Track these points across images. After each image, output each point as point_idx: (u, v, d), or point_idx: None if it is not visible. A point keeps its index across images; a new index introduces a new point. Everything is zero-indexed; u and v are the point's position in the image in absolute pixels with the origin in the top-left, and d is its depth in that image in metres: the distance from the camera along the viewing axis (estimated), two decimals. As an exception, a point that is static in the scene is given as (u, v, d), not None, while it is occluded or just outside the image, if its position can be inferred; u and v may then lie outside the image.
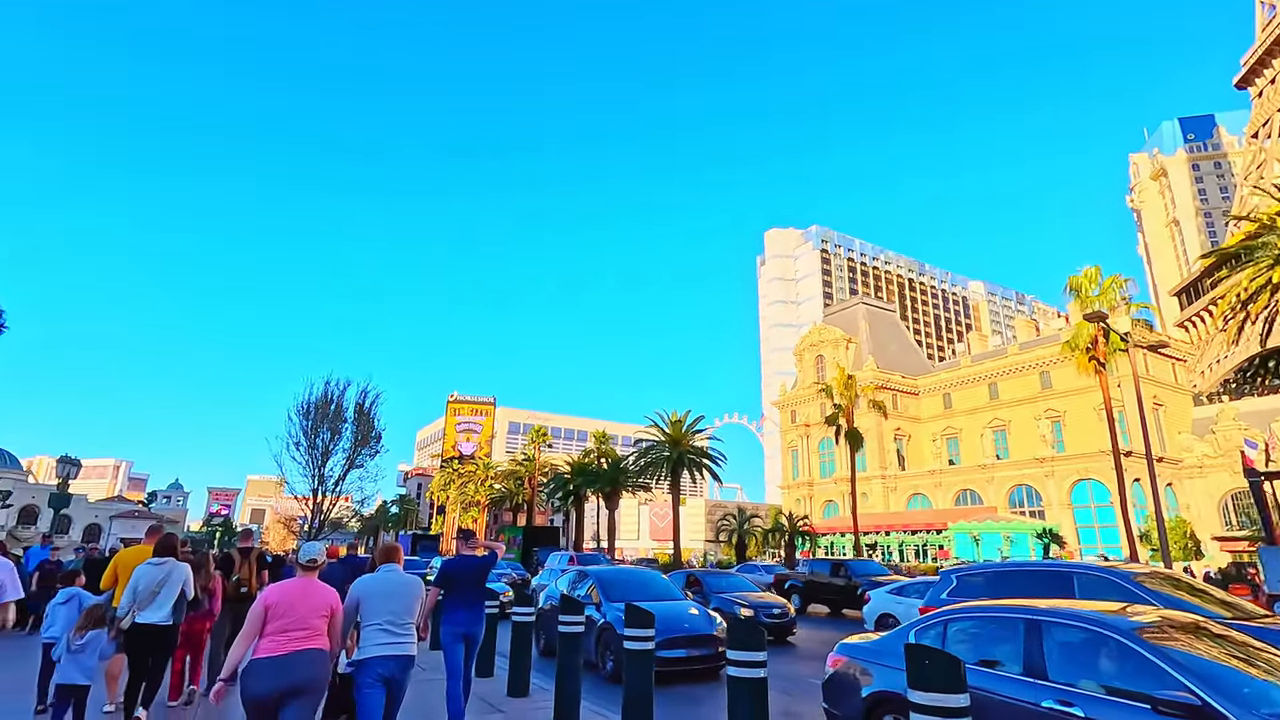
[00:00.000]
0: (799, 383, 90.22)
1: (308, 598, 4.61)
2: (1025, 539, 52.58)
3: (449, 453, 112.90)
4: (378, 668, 4.94)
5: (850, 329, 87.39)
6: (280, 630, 4.38)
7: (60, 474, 19.39)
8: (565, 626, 7.39)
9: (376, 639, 5.02)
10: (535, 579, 16.67)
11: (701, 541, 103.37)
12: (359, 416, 28.36)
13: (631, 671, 6.07)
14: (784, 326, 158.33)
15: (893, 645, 5.79)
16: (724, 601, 14.25)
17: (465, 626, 6.63)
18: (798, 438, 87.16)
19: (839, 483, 78.39)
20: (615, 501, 51.85)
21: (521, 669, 8.60)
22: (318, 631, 4.55)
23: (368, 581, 5.32)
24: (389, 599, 5.17)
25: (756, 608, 14.36)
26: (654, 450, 47.56)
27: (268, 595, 4.56)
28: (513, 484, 74.76)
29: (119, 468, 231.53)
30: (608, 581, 11.80)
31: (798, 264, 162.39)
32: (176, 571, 6.84)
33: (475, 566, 6.97)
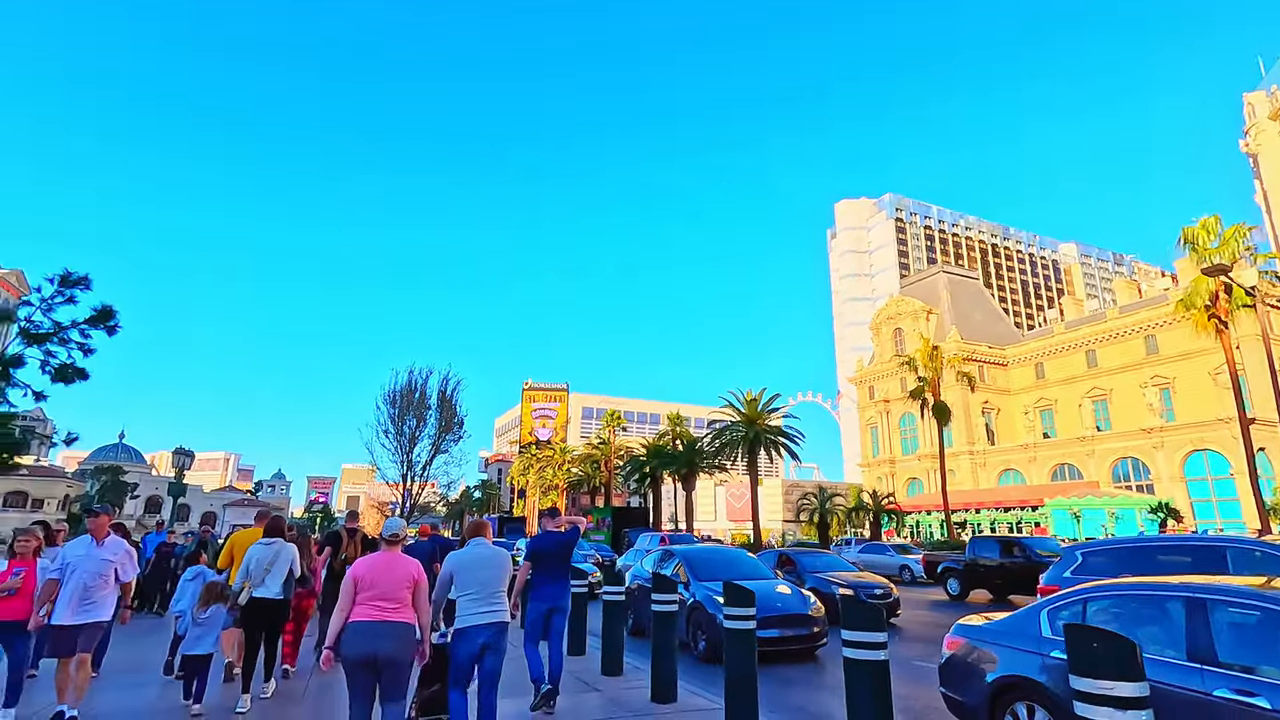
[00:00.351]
0: (876, 357, 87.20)
1: (392, 570, 4.85)
2: (1132, 515, 49.14)
3: (526, 439, 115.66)
4: (474, 636, 5.18)
5: (930, 299, 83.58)
6: (369, 600, 4.68)
7: (176, 465, 20.87)
8: (659, 605, 7.22)
9: (471, 609, 5.27)
10: (620, 559, 16.62)
11: (779, 522, 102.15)
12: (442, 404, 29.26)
13: (733, 652, 5.82)
14: (857, 300, 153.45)
15: (1021, 626, 5.31)
16: (820, 581, 13.77)
17: (552, 600, 6.89)
18: (877, 414, 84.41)
19: (923, 459, 75.50)
20: (692, 483, 51.70)
21: (615, 648, 8.52)
22: (404, 603, 4.79)
23: (459, 556, 5.54)
24: (479, 570, 5.40)
25: (856, 587, 13.76)
26: (729, 430, 47.02)
27: (356, 568, 4.88)
28: (589, 468, 75.83)
29: (229, 460, 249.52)
30: (695, 560, 11.59)
31: (871, 235, 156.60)
32: (285, 551, 7.39)
33: (560, 542, 7.15)
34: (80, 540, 6.29)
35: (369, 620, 4.63)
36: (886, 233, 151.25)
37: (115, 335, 11.82)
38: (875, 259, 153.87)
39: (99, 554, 6.21)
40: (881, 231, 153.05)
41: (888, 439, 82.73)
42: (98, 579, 6.14)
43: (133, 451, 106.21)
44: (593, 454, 75.28)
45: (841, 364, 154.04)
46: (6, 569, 6.36)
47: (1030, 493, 60.58)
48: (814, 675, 9.42)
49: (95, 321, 11.64)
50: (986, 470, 72.26)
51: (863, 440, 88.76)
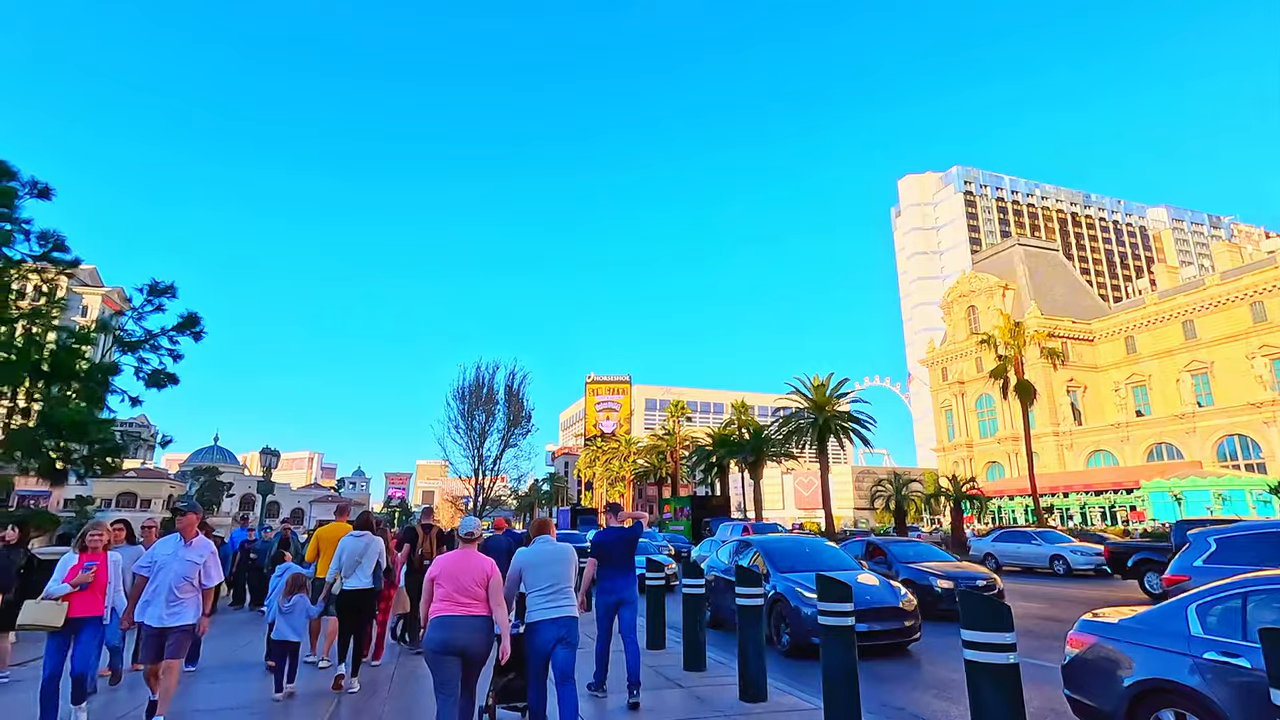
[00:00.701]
0: (948, 338, 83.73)
1: (467, 567, 5.09)
2: (1241, 496, 45.50)
3: (590, 432, 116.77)
4: (545, 631, 5.33)
5: (1005, 274, 79.51)
6: (447, 596, 4.97)
7: (264, 464, 21.82)
8: (744, 599, 6.88)
9: (540, 604, 5.43)
10: (695, 550, 16.28)
11: (850, 509, 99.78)
12: (509, 397, 29.63)
13: (832, 650, 5.42)
14: (926, 280, 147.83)
15: (1163, 624, 4.71)
16: (914, 572, 12.91)
17: (619, 593, 7.01)
18: (951, 396, 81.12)
19: (1003, 442, 72.15)
20: (759, 471, 50.91)
21: (696, 643, 8.23)
22: (479, 599, 5.03)
23: (526, 553, 5.72)
24: (547, 566, 5.55)
25: (956, 579, 12.72)
26: (797, 417, 45.96)
27: (434, 568, 5.19)
28: (655, 458, 75.79)
29: (312, 459, 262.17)
30: (774, 551, 11.17)
31: (938, 211, 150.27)
32: (373, 544, 7.77)
33: (624, 536, 7.22)
34: (169, 539, 6.12)
35: (448, 615, 4.91)
36: (955, 207, 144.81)
37: (201, 341, 12.29)
38: (943, 235, 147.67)
39: (186, 555, 6.02)
40: (950, 206, 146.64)
41: (963, 422, 79.41)
42: (183, 581, 5.94)
43: (226, 453, 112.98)
44: (658, 445, 75.19)
45: (911, 346, 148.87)
46: (78, 563, 6.27)
47: (1124, 475, 56.96)
48: (909, 672, 8.88)
49: (182, 328, 12.14)
50: (1074, 452, 68.38)
51: (936, 424, 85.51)
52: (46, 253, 11.14)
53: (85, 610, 6.14)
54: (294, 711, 6.91)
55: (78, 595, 6.12)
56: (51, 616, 5.98)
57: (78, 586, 6.10)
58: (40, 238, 11.14)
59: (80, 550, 6.39)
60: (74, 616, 6.07)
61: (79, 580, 6.12)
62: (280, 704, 7.09)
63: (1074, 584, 20.80)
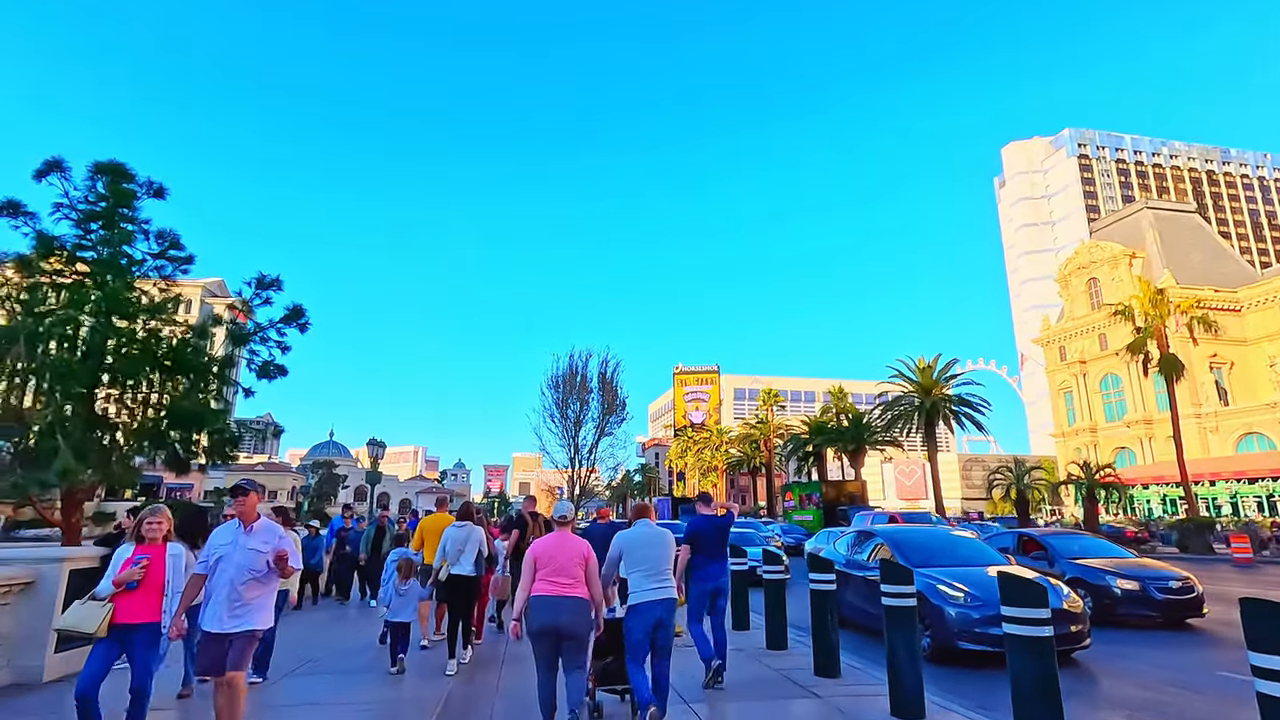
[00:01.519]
0: (1066, 314, 77.08)
1: (564, 549, 5.25)
2: None
3: (680, 422, 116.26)
4: (647, 611, 5.47)
5: (1132, 241, 72.25)
6: (547, 577, 5.12)
7: (370, 455, 22.54)
8: (894, 600, 5.94)
9: (641, 586, 5.56)
10: (810, 542, 15.24)
11: (958, 499, 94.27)
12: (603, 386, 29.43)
13: (1024, 665, 4.44)
14: (1036, 253, 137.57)
15: None
16: (1084, 570, 11.19)
17: (712, 581, 7.15)
18: (1071, 377, 74.71)
19: (1132, 426, 65.75)
20: (860, 459, 48.67)
21: (828, 645, 7.34)
22: (578, 580, 5.16)
23: (626, 536, 5.85)
24: (647, 549, 5.70)
25: (1142, 579, 10.90)
26: (901, 402, 43.42)
27: (534, 548, 5.33)
28: (748, 447, 74.28)
29: (417, 452, 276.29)
30: (904, 543, 10.03)
31: (1048, 178, 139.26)
32: (475, 533, 8.23)
33: (716, 525, 7.35)
34: (226, 527, 5.01)
35: (548, 595, 5.05)
36: (1068, 173, 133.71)
37: (307, 333, 12.51)
38: (1055, 204, 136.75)
39: (247, 543, 4.90)
40: (1062, 172, 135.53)
41: (1085, 404, 72.95)
42: (246, 574, 4.83)
43: (341, 447, 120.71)
44: (751, 434, 73.61)
45: (1020, 325, 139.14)
46: (130, 556, 5.12)
47: (1284, 460, 50.49)
48: (1083, 687, 7.62)
49: (288, 320, 12.44)
50: (1220, 435, 61.30)
51: (1054, 407, 79.08)
52: (163, 250, 11.62)
53: (135, 615, 4.97)
54: (413, 688, 7.20)
55: (126, 596, 4.97)
56: (90, 621, 4.87)
57: (123, 586, 4.96)
58: (158, 236, 11.62)
59: (136, 541, 5.25)
60: (121, 622, 4.93)
61: (124, 577, 4.97)
62: (399, 681, 7.44)
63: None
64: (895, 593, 5.93)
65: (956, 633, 8.12)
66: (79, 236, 11.10)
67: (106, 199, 11.02)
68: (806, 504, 41.01)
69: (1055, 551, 11.97)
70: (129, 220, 11.39)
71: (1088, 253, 75.06)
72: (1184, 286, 63.45)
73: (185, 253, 11.71)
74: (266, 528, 5.04)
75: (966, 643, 8.12)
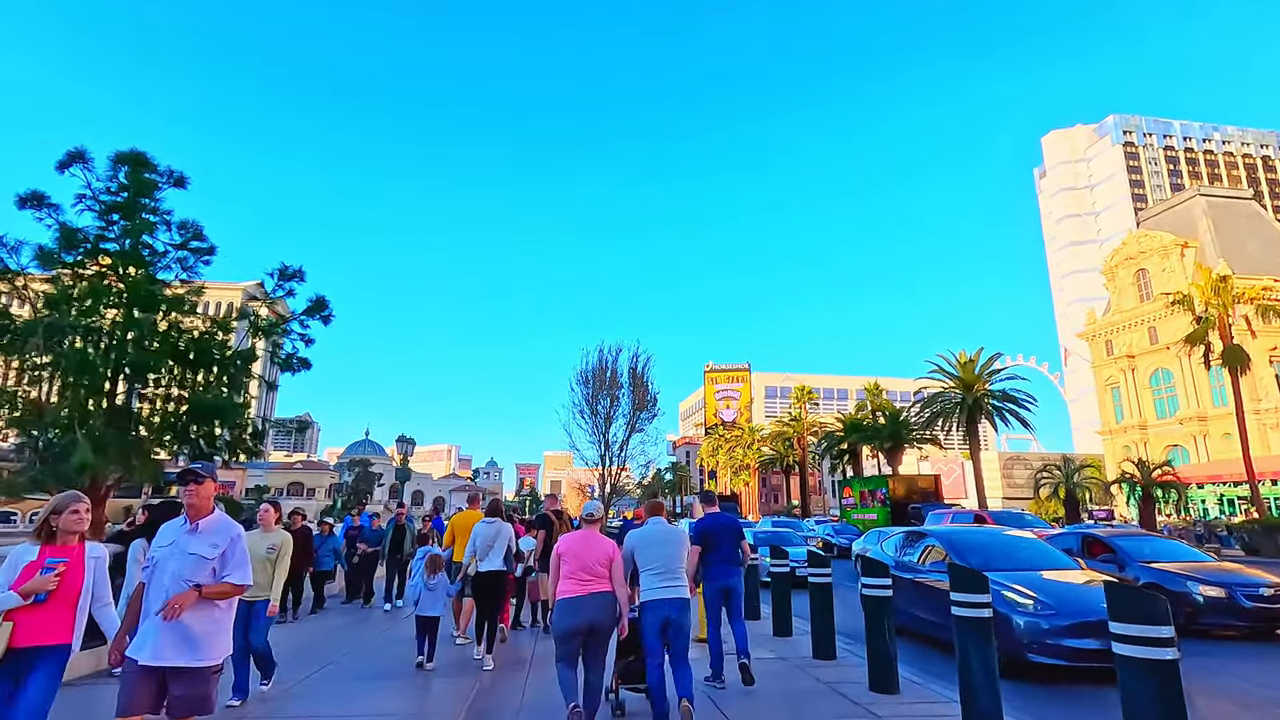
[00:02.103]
0: (1112, 307, 74.18)
1: (590, 547, 5.30)
2: None
3: (711, 420, 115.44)
4: (658, 609, 5.45)
5: (1184, 230, 69.21)
6: (572, 575, 5.17)
7: (400, 452, 22.39)
8: (965, 609, 5.24)
9: (653, 584, 5.55)
10: (858, 543, 14.48)
11: (999, 499, 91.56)
12: (633, 381, 28.88)
13: (1141, 693, 3.72)
14: (1079, 245, 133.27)
15: None
16: (1159, 575, 10.20)
17: (722, 580, 7.06)
18: (1118, 373, 71.90)
19: (1185, 423, 62.91)
20: (898, 457, 47.37)
21: (884, 657, 6.65)
22: (603, 577, 5.21)
23: (638, 533, 5.84)
24: (660, 546, 5.67)
25: (1228, 585, 9.83)
26: (942, 398, 42.04)
27: (559, 546, 5.38)
28: (781, 445, 73.08)
29: (450, 451, 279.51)
30: (962, 545, 9.24)
31: (1091, 167, 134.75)
32: (504, 530, 8.30)
33: (725, 524, 7.30)
34: (171, 524, 3.87)
35: (574, 595, 5.12)
36: (1112, 161, 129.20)
37: (330, 324, 12.22)
38: (1099, 194, 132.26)
39: (188, 545, 3.70)
40: (1105, 161, 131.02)
41: (1134, 400, 70.08)
42: (184, 587, 3.59)
43: (377, 445, 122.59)
44: (784, 431, 72.41)
45: (1063, 320, 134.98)
46: (37, 559, 3.81)
47: (1355, 459, 47.67)
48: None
49: (311, 312, 12.16)
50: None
51: (1100, 404, 76.17)
52: (185, 241, 11.41)
53: (40, 635, 3.66)
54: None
55: (29, 611, 3.67)
56: None
57: (30, 598, 3.67)
58: (180, 227, 11.40)
59: (45, 540, 3.88)
60: (21, 645, 3.62)
61: (33, 587, 3.68)
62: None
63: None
64: (968, 601, 5.23)
65: (1025, 644, 7.36)
66: (101, 228, 10.94)
67: (128, 189, 10.83)
68: (870, 501, 37.35)
69: (1126, 554, 11.00)
70: (151, 211, 11.20)
71: (1136, 243, 72.15)
72: (1241, 276, 60.50)
73: (207, 244, 11.53)
74: (217, 527, 3.77)
75: (1037, 655, 7.36)
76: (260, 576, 6.25)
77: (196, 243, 11.41)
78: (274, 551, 6.67)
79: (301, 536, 10.96)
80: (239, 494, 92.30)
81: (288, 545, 6.81)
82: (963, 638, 5.22)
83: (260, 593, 6.40)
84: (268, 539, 6.78)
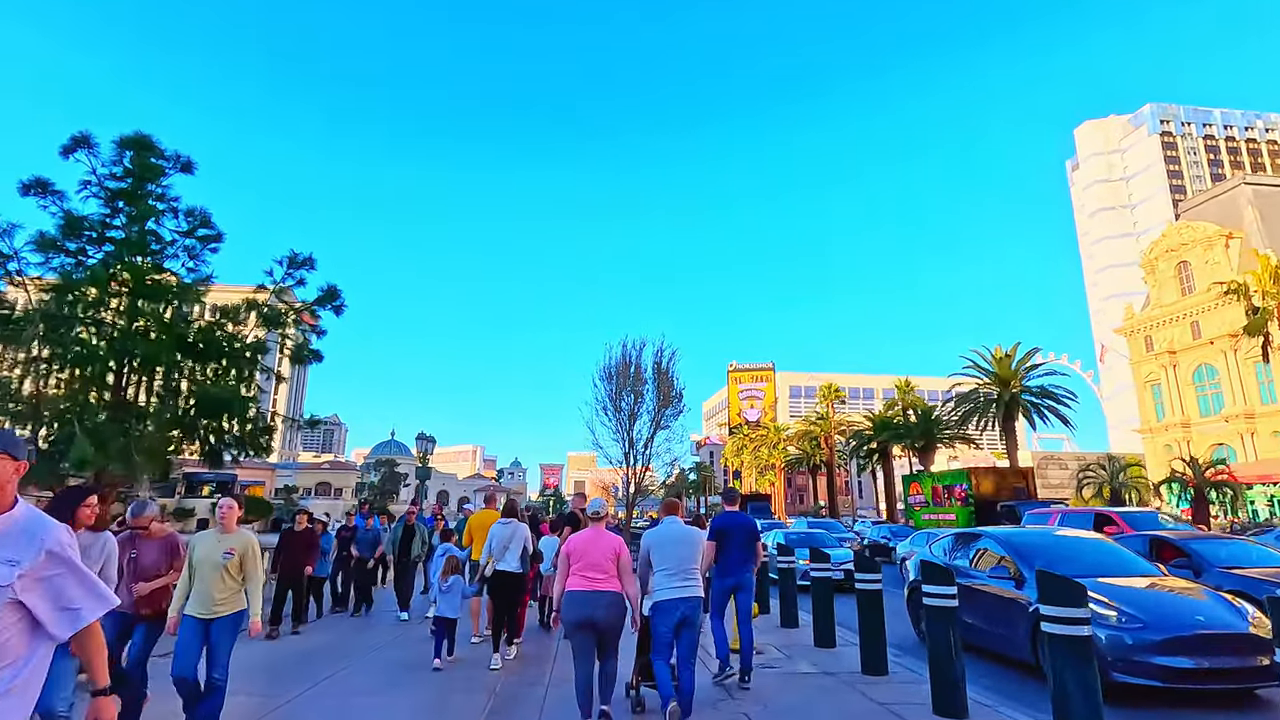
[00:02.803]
0: (1152, 301, 71.68)
1: (597, 544, 5.34)
2: None
3: (735, 420, 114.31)
4: (670, 609, 5.50)
5: (1228, 220, 66.56)
6: (581, 571, 5.21)
7: (419, 449, 21.94)
8: (1059, 625, 4.43)
9: (666, 583, 5.59)
10: (904, 544, 13.61)
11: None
12: (658, 376, 28.20)
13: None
14: (1113, 239, 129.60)
15: None
16: (1244, 582, 9.00)
17: (733, 577, 7.12)
18: (1159, 369, 69.43)
19: (1231, 420, 60.42)
20: (930, 457, 46.02)
21: (949, 678, 5.85)
22: (610, 574, 5.23)
23: (654, 533, 5.92)
24: (674, 546, 5.72)
25: None
26: (976, 395, 40.63)
27: (568, 544, 5.44)
28: (808, 445, 71.76)
29: (475, 451, 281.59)
30: (1024, 547, 8.34)
31: (1126, 158, 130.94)
32: (520, 530, 8.24)
33: (741, 523, 7.34)
34: None
35: (581, 590, 5.16)
36: (1149, 152, 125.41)
37: (342, 315, 11.70)
38: (1135, 186, 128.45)
39: None
40: (1142, 151, 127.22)
41: (1176, 398, 67.57)
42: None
43: (402, 446, 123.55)
44: (810, 430, 71.08)
45: (1097, 315, 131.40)
46: None
47: None
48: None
49: (322, 302, 11.65)
50: (1336, 431, 55.64)
51: (1140, 401, 73.65)
52: (192, 229, 10.97)
53: None
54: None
55: None
56: None
57: None
58: (187, 214, 10.97)
59: None
60: None
61: None
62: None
63: None
64: (1064, 616, 4.42)
65: (1110, 662, 6.49)
66: (106, 215, 10.55)
67: (133, 174, 10.41)
68: (945, 499, 32.15)
69: (1201, 559, 9.96)
70: (159, 198, 10.79)
71: (1177, 234, 69.66)
72: (1290, 267, 57.96)
73: (215, 231, 11.08)
74: (22, 528, 2.17)
75: (1122, 675, 6.48)
76: (215, 589, 5.17)
77: (204, 230, 10.97)
78: (230, 557, 5.28)
79: (304, 538, 10.17)
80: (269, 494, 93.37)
81: (251, 549, 5.42)
82: (1058, 659, 4.42)
83: (218, 608, 5.18)
84: (225, 542, 5.37)
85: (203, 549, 5.26)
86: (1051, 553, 8.30)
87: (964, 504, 30.01)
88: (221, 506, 5.51)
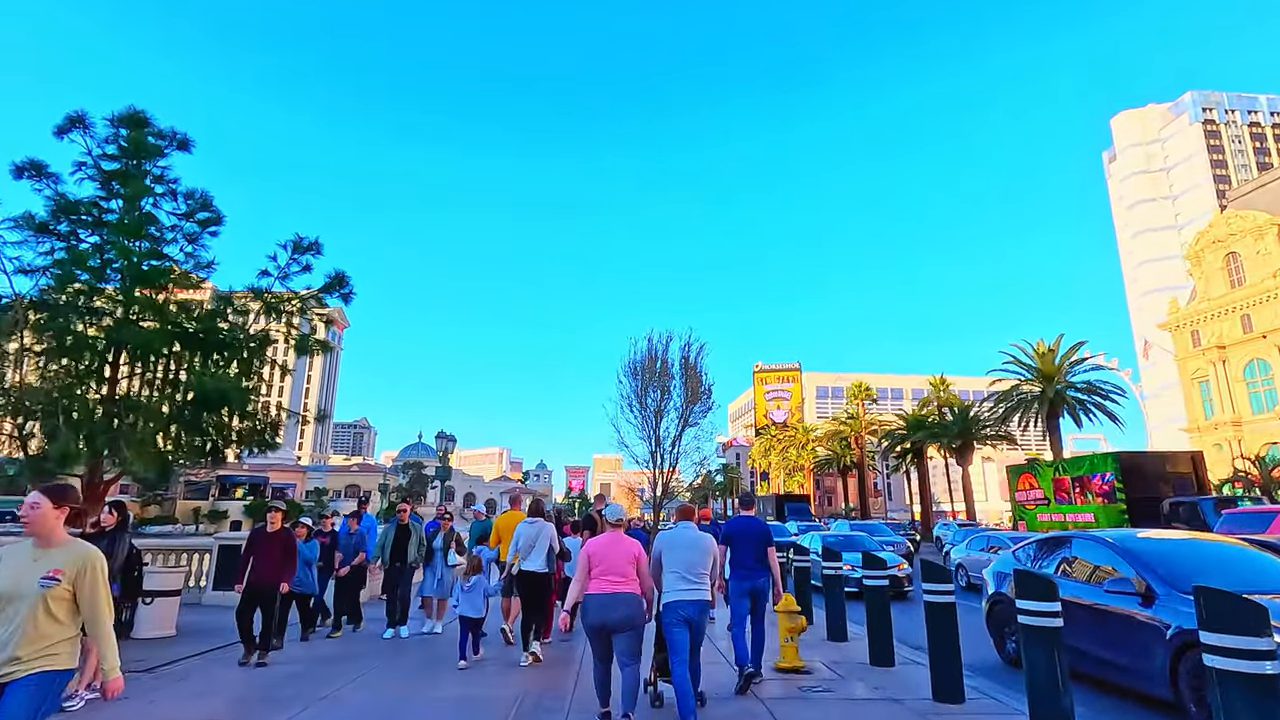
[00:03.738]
0: (1199, 294, 68.82)
1: (617, 548, 5.49)
2: None
3: (761, 421, 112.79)
4: (679, 610, 5.63)
5: (1278, 209, 63.53)
6: (601, 574, 5.38)
7: (440, 449, 21.28)
8: (1232, 660, 3.40)
9: (676, 585, 5.73)
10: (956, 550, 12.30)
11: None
12: (685, 371, 27.20)
13: None
14: (1154, 231, 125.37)
15: None
16: None
17: (749, 582, 7.12)
18: (1206, 365, 66.59)
19: (1291, 418, 57.55)
20: (968, 456, 44.33)
21: (1054, 712, 4.81)
22: (629, 577, 5.40)
23: (666, 537, 6.00)
24: (684, 550, 5.85)
25: None
26: (1018, 392, 38.91)
27: (588, 547, 5.60)
28: (837, 445, 70.05)
29: (501, 454, 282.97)
30: (1151, 555, 6.88)
31: (1167, 148, 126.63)
32: (545, 530, 8.27)
33: (752, 527, 7.30)
34: None
35: (602, 593, 5.30)
36: (1192, 140, 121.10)
37: (350, 303, 10.98)
38: (1177, 176, 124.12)
39: None
40: (1184, 140, 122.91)
41: (1226, 394, 64.72)
42: None
43: (429, 448, 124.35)
44: (840, 430, 69.39)
45: (1137, 311, 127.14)
46: None
47: None
48: None
49: (329, 289, 10.95)
50: (1402, 428, 52.61)
51: (1187, 399, 70.73)
52: (192, 212, 10.33)
53: None
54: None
55: None
56: None
57: None
58: (186, 196, 10.33)
59: None
60: None
61: None
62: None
63: None
64: (1239, 649, 3.38)
65: None
66: (102, 198, 9.95)
67: (127, 153, 9.80)
68: (1078, 494, 25.41)
69: None
70: (156, 179, 10.17)
71: (1225, 224, 66.78)
72: (1350, 257, 54.98)
73: (215, 213, 10.42)
74: None
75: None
76: (23, 633, 3.05)
77: (204, 213, 10.32)
78: (54, 583, 3.14)
79: (279, 542, 8.08)
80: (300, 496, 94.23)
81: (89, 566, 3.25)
82: (1231, 702, 3.37)
83: (15, 666, 3.02)
84: (47, 559, 3.21)
85: (7, 571, 3.16)
86: (1189, 564, 6.71)
87: (1108, 500, 23.37)
88: (27, 504, 3.22)
